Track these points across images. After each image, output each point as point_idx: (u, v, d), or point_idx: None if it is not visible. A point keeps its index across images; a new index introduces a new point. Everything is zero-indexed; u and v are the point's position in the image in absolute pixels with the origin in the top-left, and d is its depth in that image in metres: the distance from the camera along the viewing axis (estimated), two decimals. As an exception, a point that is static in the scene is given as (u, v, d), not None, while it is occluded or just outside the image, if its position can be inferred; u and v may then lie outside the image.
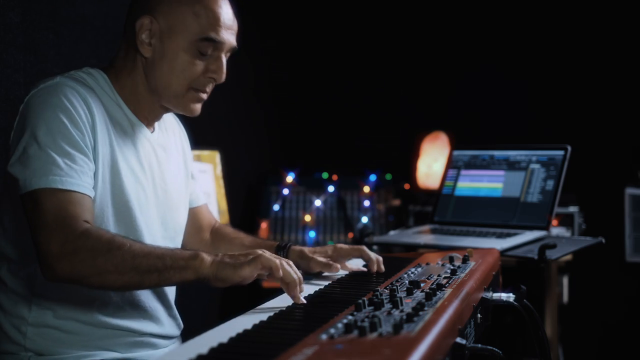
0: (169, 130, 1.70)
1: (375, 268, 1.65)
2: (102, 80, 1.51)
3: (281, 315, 1.23)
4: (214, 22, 1.48)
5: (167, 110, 1.59)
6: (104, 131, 1.45)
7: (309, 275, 1.66)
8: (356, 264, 1.74)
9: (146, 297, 1.55)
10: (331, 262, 1.65)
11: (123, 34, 1.54)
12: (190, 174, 1.75)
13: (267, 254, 1.34)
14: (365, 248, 1.69)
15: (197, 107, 1.55)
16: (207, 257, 1.31)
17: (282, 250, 1.70)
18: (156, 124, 1.62)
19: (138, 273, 1.30)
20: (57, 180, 1.33)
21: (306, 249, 1.71)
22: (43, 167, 1.34)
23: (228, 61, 1.54)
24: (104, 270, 1.29)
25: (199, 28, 1.46)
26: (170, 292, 1.63)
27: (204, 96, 1.54)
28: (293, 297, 1.32)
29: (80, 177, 1.36)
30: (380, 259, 1.67)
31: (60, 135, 1.37)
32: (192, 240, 1.77)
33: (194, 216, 1.77)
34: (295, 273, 1.33)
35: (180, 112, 1.58)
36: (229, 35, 1.51)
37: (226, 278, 1.30)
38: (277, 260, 1.32)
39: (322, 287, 1.50)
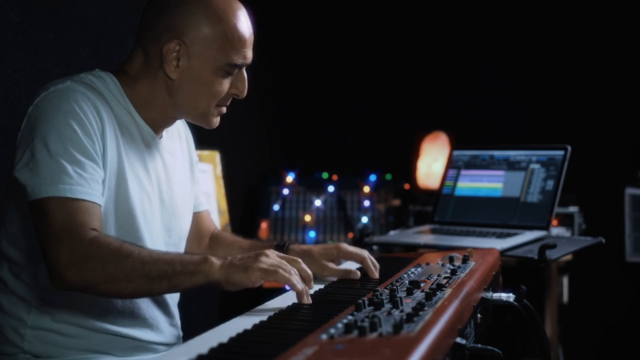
0: (176, 134, 1.68)
1: (375, 275, 1.63)
2: (113, 84, 1.49)
3: (281, 315, 1.23)
4: (241, 46, 1.48)
5: (181, 118, 1.60)
6: (112, 138, 1.44)
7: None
8: (349, 265, 1.71)
9: (147, 305, 1.54)
10: (350, 269, 1.62)
11: (138, 42, 1.51)
12: (195, 178, 1.75)
13: (272, 255, 1.34)
14: (367, 257, 1.65)
15: (218, 120, 1.56)
16: (216, 261, 1.31)
17: (280, 249, 1.68)
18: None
19: (148, 280, 1.30)
20: (67, 189, 1.32)
21: (311, 249, 1.68)
22: (52, 176, 1.32)
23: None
24: (114, 278, 1.29)
25: (228, 54, 1.46)
26: (172, 301, 1.62)
27: (225, 110, 1.56)
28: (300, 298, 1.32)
29: (90, 185, 1.35)
30: (378, 266, 1.65)
31: (71, 143, 1.35)
32: (190, 246, 1.74)
33: (195, 222, 1.75)
34: (305, 272, 1.35)
35: (200, 125, 1.58)
36: (251, 53, 1.52)
37: (238, 282, 1.30)
38: (284, 269, 1.31)
39: (322, 287, 1.50)
